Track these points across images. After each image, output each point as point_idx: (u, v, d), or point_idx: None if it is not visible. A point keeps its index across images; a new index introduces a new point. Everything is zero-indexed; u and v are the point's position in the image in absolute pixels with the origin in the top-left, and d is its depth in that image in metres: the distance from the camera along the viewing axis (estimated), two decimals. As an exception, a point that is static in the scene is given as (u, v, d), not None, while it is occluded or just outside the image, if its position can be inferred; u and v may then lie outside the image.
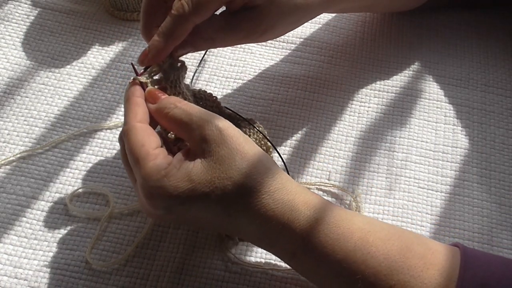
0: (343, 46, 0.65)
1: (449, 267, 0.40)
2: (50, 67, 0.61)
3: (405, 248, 0.41)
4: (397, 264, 0.40)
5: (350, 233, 0.41)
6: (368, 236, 0.41)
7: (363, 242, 0.40)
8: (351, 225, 0.41)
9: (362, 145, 0.57)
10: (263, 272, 0.49)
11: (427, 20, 0.67)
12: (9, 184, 0.53)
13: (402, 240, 0.41)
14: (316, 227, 0.40)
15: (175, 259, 0.49)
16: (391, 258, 0.40)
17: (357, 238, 0.41)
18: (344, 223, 0.41)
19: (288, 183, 0.42)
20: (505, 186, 0.55)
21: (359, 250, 0.40)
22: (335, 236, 0.40)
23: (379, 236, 0.41)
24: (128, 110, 0.44)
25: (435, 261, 0.40)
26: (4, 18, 0.65)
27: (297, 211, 0.41)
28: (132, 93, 0.45)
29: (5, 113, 0.58)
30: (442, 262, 0.40)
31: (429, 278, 0.39)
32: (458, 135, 0.59)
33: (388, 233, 0.42)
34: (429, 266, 0.40)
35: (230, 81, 0.61)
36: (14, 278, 0.48)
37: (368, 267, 0.40)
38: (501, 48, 0.65)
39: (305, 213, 0.41)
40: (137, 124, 0.43)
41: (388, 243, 0.41)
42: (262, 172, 0.41)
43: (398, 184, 0.55)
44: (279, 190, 0.41)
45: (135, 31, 0.65)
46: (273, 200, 0.41)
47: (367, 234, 0.41)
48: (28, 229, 0.51)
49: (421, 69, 0.63)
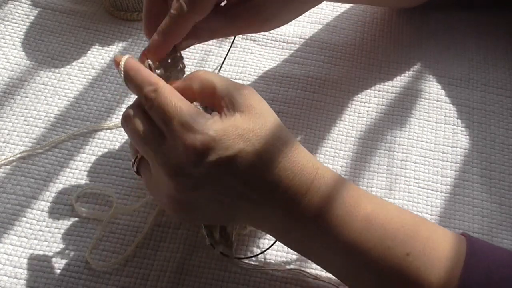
0: (343, 46, 0.65)
1: (457, 248, 0.40)
2: (50, 67, 0.61)
3: (419, 220, 0.42)
4: (412, 233, 0.41)
5: (369, 201, 0.42)
6: (385, 206, 0.42)
7: (381, 209, 0.42)
8: (368, 195, 0.43)
9: (362, 145, 0.57)
10: (263, 272, 0.49)
11: (427, 20, 0.67)
12: (9, 184, 0.53)
13: (413, 215, 0.43)
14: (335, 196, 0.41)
15: (175, 259, 0.49)
16: (407, 226, 0.41)
17: (375, 205, 0.42)
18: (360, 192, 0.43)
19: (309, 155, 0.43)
20: (505, 186, 0.55)
21: (378, 214, 0.41)
22: (356, 200, 0.42)
23: (395, 208, 0.43)
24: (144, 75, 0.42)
25: (445, 238, 0.41)
26: (4, 18, 0.65)
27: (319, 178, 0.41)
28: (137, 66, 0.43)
29: (5, 113, 0.58)
30: (452, 241, 0.41)
31: (442, 251, 0.40)
32: (458, 135, 0.59)
33: (400, 209, 0.43)
34: (441, 241, 0.41)
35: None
36: (14, 278, 0.48)
37: (387, 231, 0.40)
38: (501, 48, 0.65)
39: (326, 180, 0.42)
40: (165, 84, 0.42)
41: (402, 213, 0.42)
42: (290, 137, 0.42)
43: (398, 184, 0.55)
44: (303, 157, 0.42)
45: (135, 31, 0.65)
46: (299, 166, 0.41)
47: (384, 203, 0.43)
48: (28, 229, 0.51)
49: (421, 69, 0.63)
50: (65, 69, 0.61)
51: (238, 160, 0.40)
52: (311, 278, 0.49)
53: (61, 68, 0.61)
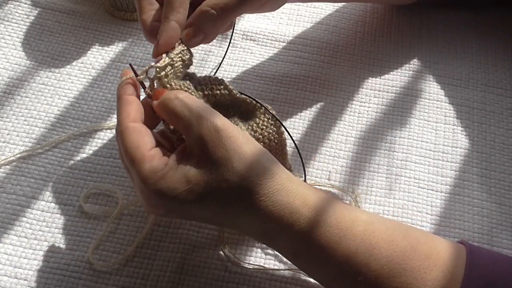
0: (343, 46, 0.65)
1: (454, 266, 0.40)
2: (50, 67, 0.61)
3: (410, 248, 0.40)
4: (400, 266, 0.39)
5: (352, 235, 0.40)
6: (371, 238, 0.40)
7: (365, 244, 0.40)
8: (353, 226, 0.41)
9: (362, 145, 0.57)
10: (263, 272, 0.49)
11: (427, 20, 0.67)
12: (9, 184, 0.53)
13: (407, 240, 0.41)
14: (317, 228, 0.40)
15: (175, 259, 0.49)
16: (394, 260, 0.40)
17: (359, 240, 0.40)
18: (346, 224, 0.41)
19: (288, 183, 0.42)
20: (505, 186, 0.55)
21: (361, 252, 0.40)
22: (337, 238, 0.40)
23: (383, 237, 0.41)
24: (120, 109, 0.43)
25: (439, 262, 0.40)
26: (4, 18, 0.65)
27: (297, 213, 0.40)
28: (123, 92, 0.44)
29: (5, 113, 0.58)
30: (447, 262, 0.40)
31: (432, 279, 0.39)
32: (458, 135, 0.59)
33: (392, 233, 0.41)
34: (432, 268, 0.39)
35: (230, 81, 0.61)
36: (14, 278, 0.48)
37: (371, 269, 0.39)
38: (501, 48, 0.65)
39: (306, 214, 0.40)
40: (130, 125, 0.42)
41: (392, 244, 0.40)
42: (260, 173, 0.41)
43: (398, 184, 0.55)
44: (278, 191, 0.41)
45: (135, 31, 0.65)
46: (272, 202, 0.40)
47: (370, 235, 0.41)
48: (28, 229, 0.51)
49: (421, 69, 0.63)
50: (65, 69, 0.61)
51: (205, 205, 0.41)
52: (311, 278, 0.49)
53: (61, 68, 0.61)
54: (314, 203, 0.41)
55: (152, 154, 0.41)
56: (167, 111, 0.43)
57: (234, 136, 0.41)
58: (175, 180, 0.40)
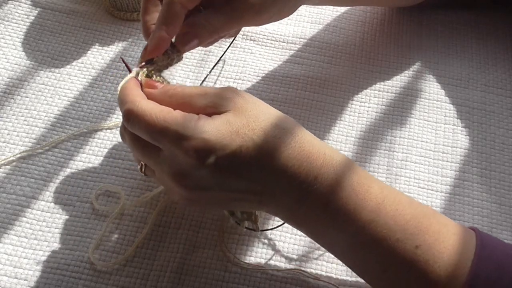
0: (343, 46, 0.65)
1: (468, 241, 0.40)
2: (50, 67, 0.61)
3: (429, 213, 0.42)
4: (422, 225, 0.40)
5: (379, 189, 0.41)
6: (395, 195, 0.42)
7: (391, 198, 0.41)
8: (377, 183, 0.42)
9: (362, 145, 0.57)
10: (263, 272, 0.49)
11: (427, 20, 0.67)
12: (9, 184, 0.53)
13: (424, 207, 0.42)
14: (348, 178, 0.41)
15: (175, 259, 0.49)
16: (417, 218, 0.40)
17: (386, 194, 0.41)
18: (370, 180, 0.42)
19: (315, 139, 0.42)
20: (505, 186, 0.55)
21: (388, 204, 0.40)
22: (365, 189, 0.41)
23: (403, 198, 0.42)
24: (125, 93, 0.43)
25: (456, 231, 0.41)
26: (4, 18, 0.65)
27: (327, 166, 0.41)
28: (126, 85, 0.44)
29: (5, 113, 0.58)
30: (462, 234, 0.41)
31: (450, 246, 0.40)
32: (458, 135, 0.59)
33: (411, 199, 0.43)
34: (451, 235, 0.40)
35: (230, 81, 0.61)
36: (14, 278, 0.48)
37: (397, 222, 0.40)
38: (501, 48, 0.65)
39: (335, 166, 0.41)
40: (142, 100, 0.42)
41: (413, 205, 0.42)
42: (292, 127, 0.41)
43: (398, 184, 0.55)
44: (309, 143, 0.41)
45: (135, 31, 0.65)
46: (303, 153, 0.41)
47: (394, 192, 0.42)
48: (28, 229, 0.51)
49: (421, 69, 0.63)
50: (65, 69, 0.61)
51: (238, 157, 0.40)
52: (311, 278, 0.49)
53: (61, 68, 0.61)
54: (338, 163, 0.42)
55: (179, 111, 0.41)
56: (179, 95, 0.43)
57: (259, 100, 0.42)
58: (218, 123, 0.39)
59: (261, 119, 0.41)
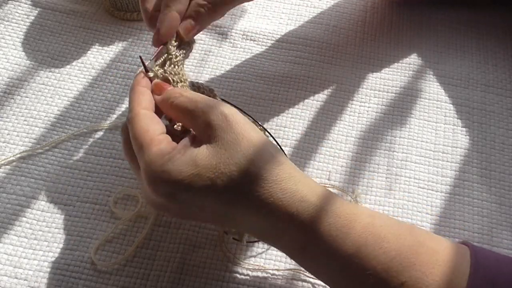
0: (343, 46, 0.65)
1: (460, 264, 0.39)
2: (50, 67, 0.61)
3: (417, 243, 0.40)
4: (409, 260, 0.39)
5: (360, 227, 0.40)
6: (380, 231, 0.40)
7: (374, 236, 0.39)
8: (361, 218, 0.40)
9: (362, 145, 0.57)
10: (263, 272, 0.49)
11: (427, 19, 0.67)
12: (9, 184, 0.53)
13: (414, 236, 0.41)
14: (326, 218, 0.40)
15: (175, 259, 0.49)
16: (403, 254, 0.39)
17: (368, 233, 0.40)
18: (353, 215, 0.40)
19: (295, 172, 0.41)
20: (505, 186, 0.55)
21: (370, 245, 0.39)
22: (345, 229, 0.39)
23: (390, 230, 0.40)
24: (132, 98, 0.44)
25: (447, 258, 0.40)
26: (4, 18, 0.65)
27: (305, 201, 0.40)
28: (137, 83, 0.45)
29: (5, 113, 0.58)
30: (454, 259, 0.39)
31: (440, 275, 0.39)
32: (458, 135, 0.59)
33: (399, 228, 0.41)
34: (441, 263, 0.39)
35: (230, 81, 0.61)
36: (14, 278, 0.48)
37: (380, 263, 0.39)
38: (501, 48, 0.65)
39: (314, 203, 0.40)
40: (142, 111, 0.43)
41: (400, 238, 0.40)
42: (269, 160, 0.40)
43: (398, 184, 0.55)
44: (287, 179, 0.40)
45: (135, 31, 0.65)
46: (280, 189, 0.40)
47: (379, 228, 0.40)
48: (28, 229, 0.51)
49: (421, 69, 0.63)
50: (65, 69, 0.61)
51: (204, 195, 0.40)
52: (311, 278, 0.49)
53: (61, 68, 0.61)
54: (321, 192, 0.41)
55: (161, 139, 0.41)
56: (172, 106, 0.43)
57: (241, 121, 0.41)
58: (183, 163, 0.40)
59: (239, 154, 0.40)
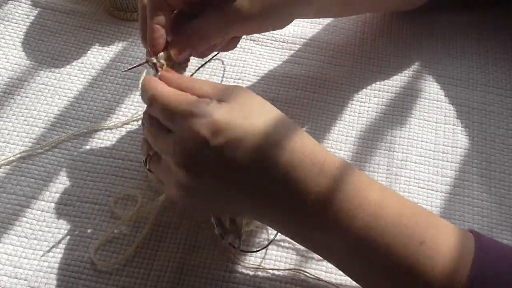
0: (343, 46, 0.65)
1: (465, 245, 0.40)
2: (50, 67, 0.61)
3: (430, 214, 0.42)
4: (425, 222, 0.40)
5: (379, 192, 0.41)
6: (396, 193, 0.43)
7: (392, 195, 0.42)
8: (378, 186, 0.42)
9: (362, 145, 0.57)
10: (263, 272, 0.49)
11: (427, 20, 0.67)
12: (9, 184, 0.53)
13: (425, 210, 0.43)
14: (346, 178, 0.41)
15: (175, 259, 0.49)
16: (420, 216, 0.41)
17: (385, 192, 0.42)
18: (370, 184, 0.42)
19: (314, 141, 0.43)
20: (505, 186, 0.55)
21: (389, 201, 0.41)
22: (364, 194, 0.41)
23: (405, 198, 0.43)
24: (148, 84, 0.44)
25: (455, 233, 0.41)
26: (4, 18, 0.65)
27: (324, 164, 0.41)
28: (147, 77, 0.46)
29: (5, 113, 0.58)
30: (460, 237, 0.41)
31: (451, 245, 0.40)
32: (458, 135, 0.59)
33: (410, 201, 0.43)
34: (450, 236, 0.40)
35: (230, 81, 0.61)
36: (14, 278, 0.48)
37: (401, 216, 0.40)
38: (501, 48, 0.65)
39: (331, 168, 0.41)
40: (165, 87, 0.44)
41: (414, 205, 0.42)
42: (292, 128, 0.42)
43: (398, 184, 0.55)
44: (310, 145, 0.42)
45: (135, 31, 0.65)
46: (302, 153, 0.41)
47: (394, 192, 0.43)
48: (28, 229, 0.51)
49: (421, 69, 0.63)
50: (65, 69, 0.61)
51: (245, 142, 0.40)
52: (311, 278, 0.49)
53: (61, 68, 0.61)
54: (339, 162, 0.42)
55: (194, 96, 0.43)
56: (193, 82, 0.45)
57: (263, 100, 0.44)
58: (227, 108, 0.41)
59: (264, 116, 0.42)
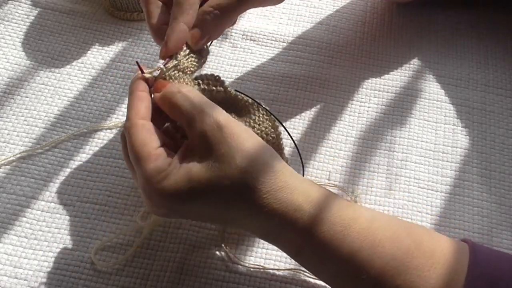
0: (343, 46, 0.65)
1: (458, 264, 0.39)
2: (50, 67, 0.61)
3: (413, 246, 0.40)
4: (404, 264, 0.39)
5: (355, 232, 0.40)
6: (375, 235, 0.40)
7: (369, 241, 0.40)
8: (356, 223, 0.41)
9: (362, 145, 0.57)
10: (263, 272, 0.49)
11: (427, 19, 0.67)
12: (9, 184, 0.53)
13: (411, 237, 0.41)
14: (320, 225, 0.40)
15: (175, 259, 0.49)
16: (398, 258, 0.39)
17: (363, 237, 0.40)
18: (349, 221, 0.40)
19: (291, 179, 0.41)
20: (505, 186, 0.55)
21: (365, 249, 0.39)
22: (340, 236, 0.40)
23: (386, 234, 0.40)
24: (130, 105, 0.44)
25: (443, 259, 0.40)
26: (4, 18, 0.65)
27: (300, 210, 0.40)
28: (135, 87, 0.44)
29: (5, 113, 0.58)
30: (451, 260, 0.40)
31: (436, 277, 0.39)
32: (458, 135, 0.59)
33: (396, 231, 0.41)
34: (436, 265, 0.39)
35: (230, 81, 0.61)
36: (14, 278, 0.48)
37: (374, 267, 0.39)
38: (501, 48, 0.65)
39: (309, 211, 0.40)
40: (139, 122, 0.42)
41: (396, 241, 0.40)
42: (263, 170, 0.40)
43: (398, 184, 0.55)
44: (282, 188, 0.41)
45: (135, 31, 0.65)
46: (275, 199, 0.40)
47: (373, 232, 0.40)
48: (28, 229, 0.51)
49: (421, 69, 0.63)
50: (65, 69, 0.61)
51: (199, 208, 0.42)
52: (311, 278, 0.49)
53: (61, 68, 0.61)
54: (317, 199, 0.41)
55: (158, 153, 0.41)
56: (169, 104, 0.43)
57: (236, 132, 0.41)
58: (178, 179, 0.40)
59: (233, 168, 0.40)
